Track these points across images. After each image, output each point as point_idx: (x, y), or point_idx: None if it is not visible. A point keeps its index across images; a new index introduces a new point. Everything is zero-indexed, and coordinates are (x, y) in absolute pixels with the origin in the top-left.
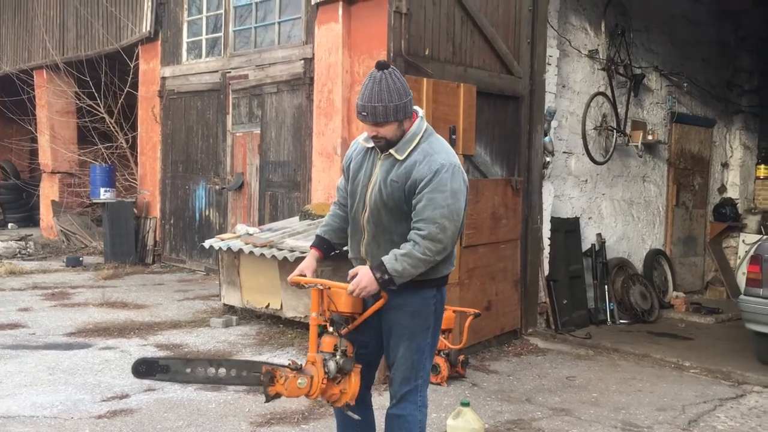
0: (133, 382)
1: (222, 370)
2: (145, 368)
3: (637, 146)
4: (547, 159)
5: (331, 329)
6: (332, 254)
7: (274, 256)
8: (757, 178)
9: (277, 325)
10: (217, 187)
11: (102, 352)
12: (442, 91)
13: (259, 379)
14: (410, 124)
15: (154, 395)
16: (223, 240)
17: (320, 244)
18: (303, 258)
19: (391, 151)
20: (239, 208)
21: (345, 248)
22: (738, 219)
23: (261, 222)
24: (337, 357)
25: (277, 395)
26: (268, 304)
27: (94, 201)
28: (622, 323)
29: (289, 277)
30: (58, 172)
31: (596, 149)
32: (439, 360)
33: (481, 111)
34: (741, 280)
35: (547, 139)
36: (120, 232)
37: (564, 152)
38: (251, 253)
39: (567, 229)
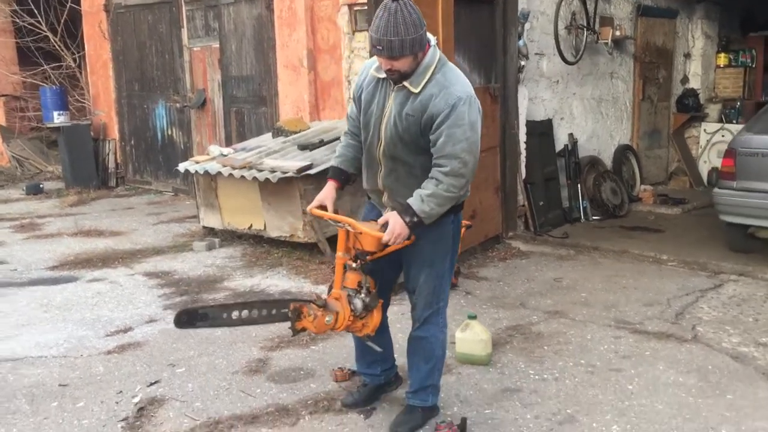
0: (134, 314)
1: (255, 311)
2: (186, 318)
3: (606, 43)
4: (522, 63)
5: (354, 265)
6: (349, 184)
7: (255, 178)
8: (718, 66)
9: (261, 245)
10: (178, 105)
11: (91, 284)
12: (421, 1)
13: (287, 315)
14: (423, 54)
15: (158, 326)
16: (198, 162)
17: (337, 175)
18: (286, 178)
19: (405, 83)
20: (204, 126)
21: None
22: (700, 109)
23: (228, 140)
24: (362, 294)
25: (303, 330)
26: (251, 225)
27: (48, 126)
28: (595, 220)
29: (309, 208)
30: (2, 95)
31: (567, 49)
32: None
33: (457, 19)
34: (703, 168)
35: (521, 42)
36: (79, 156)
37: (536, 54)
38: (231, 175)
39: (541, 131)
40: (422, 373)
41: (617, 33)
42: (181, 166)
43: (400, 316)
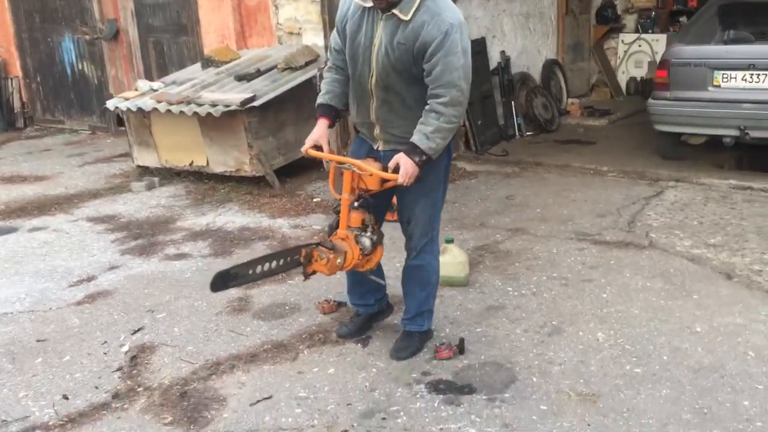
0: (91, 262)
1: (273, 263)
2: (220, 282)
3: None
4: None
5: (356, 204)
6: (338, 120)
7: (196, 113)
8: None
9: (203, 181)
10: (87, 37)
11: (34, 234)
12: None
13: (299, 261)
14: None
15: (122, 272)
16: (128, 99)
17: (327, 111)
18: (229, 112)
19: (395, 11)
20: (118, 59)
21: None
22: (618, 20)
23: (148, 72)
24: (369, 233)
25: (314, 273)
26: (192, 162)
27: None
28: (529, 135)
29: (304, 149)
30: None
31: None
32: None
33: None
34: (622, 79)
35: None
36: None
37: None
38: (169, 111)
39: (475, 50)
40: (418, 300)
41: None
42: (110, 104)
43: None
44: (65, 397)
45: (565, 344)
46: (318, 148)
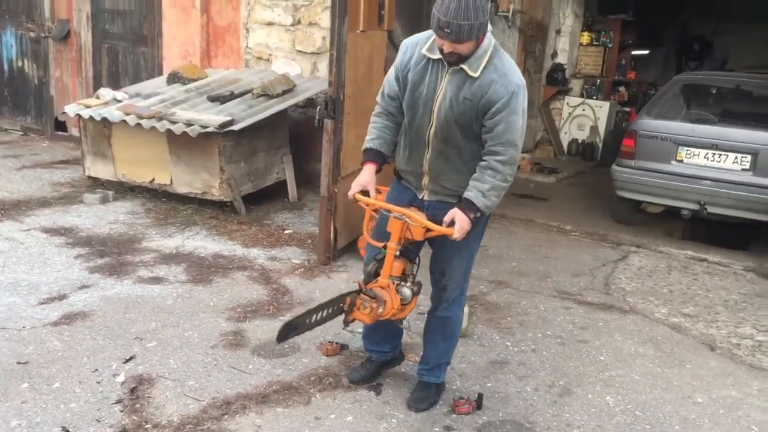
0: (58, 278)
1: (324, 311)
2: (285, 332)
3: (506, 16)
4: None
5: (397, 253)
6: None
7: (170, 130)
8: (581, 44)
9: (160, 199)
10: (33, 34)
11: None
12: None
13: (343, 309)
14: (482, 38)
15: (95, 293)
16: (89, 107)
17: (376, 157)
18: (206, 133)
19: (463, 66)
20: (66, 61)
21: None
22: (566, 83)
23: (98, 79)
24: (409, 283)
25: (353, 320)
26: (153, 179)
27: None
28: None
29: (351, 193)
30: None
31: None
32: None
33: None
34: (564, 139)
35: None
36: None
37: None
38: (138, 125)
39: None
40: (440, 351)
41: (512, 5)
42: (70, 110)
43: None
44: (65, 430)
45: (578, 406)
46: (364, 193)
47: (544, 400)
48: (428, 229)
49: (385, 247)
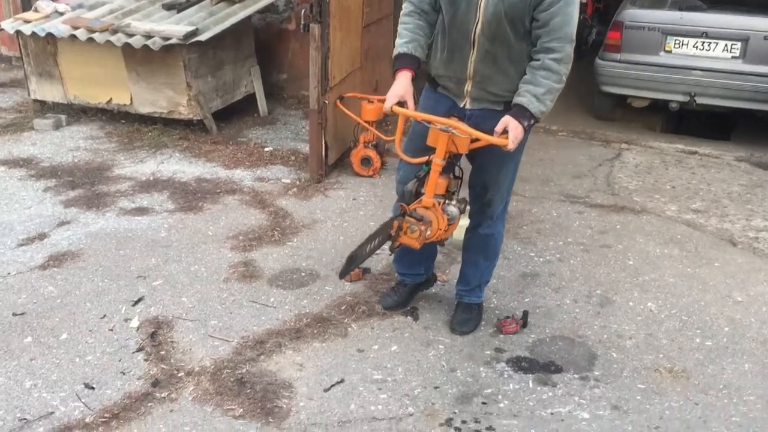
0: (32, 215)
1: (376, 240)
2: (346, 267)
3: None
4: None
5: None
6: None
7: (127, 44)
8: None
9: (119, 121)
10: None
11: None
12: None
13: (390, 234)
14: None
15: (78, 230)
16: (29, 22)
17: (411, 63)
18: (169, 46)
19: None
20: None
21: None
22: None
23: None
24: (455, 201)
25: (400, 246)
26: (110, 99)
27: None
28: None
29: (389, 105)
30: None
31: None
32: (370, 153)
33: None
34: None
35: None
36: None
37: None
38: (90, 40)
39: None
40: (481, 270)
41: None
42: (7, 26)
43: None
44: (89, 387)
45: (623, 315)
46: (401, 105)
47: (587, 312)
48: (472, 141)
49: (427, 163)
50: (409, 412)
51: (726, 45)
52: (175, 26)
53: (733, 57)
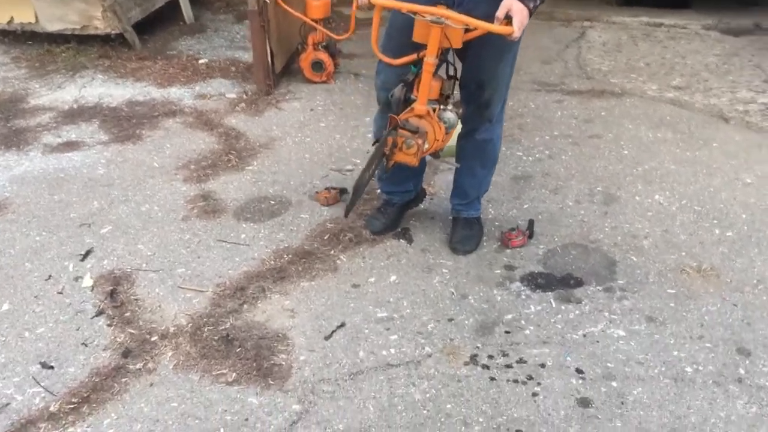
0: None
1: (375, 163)
2: (351, 203)
3: None
4: None
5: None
6: None
7: None
8: None
9: (24, 43)
10: None
11: None
12: None
13: (384, 152)
14: None
15: (1, 175)
16: None
17: None
18: None
19: None
20: None
21: None
22: None
23: None
24: (450, 106)
25: (396, 164)
26: (11, 18)
27: None
28: None
29: None
30: None
31: None
32: (321, 55)
33: None
34: None
35: None
36: None
37: None
38: None
39: None
40: (479, 180)
41: None
42: None
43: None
44: (47, 366)
45: (632, 212)
46: None
47: (593, 213)
48: (465, 31)
49: (415, 63)
50: (427, 353)
51: None
52: None
53: None
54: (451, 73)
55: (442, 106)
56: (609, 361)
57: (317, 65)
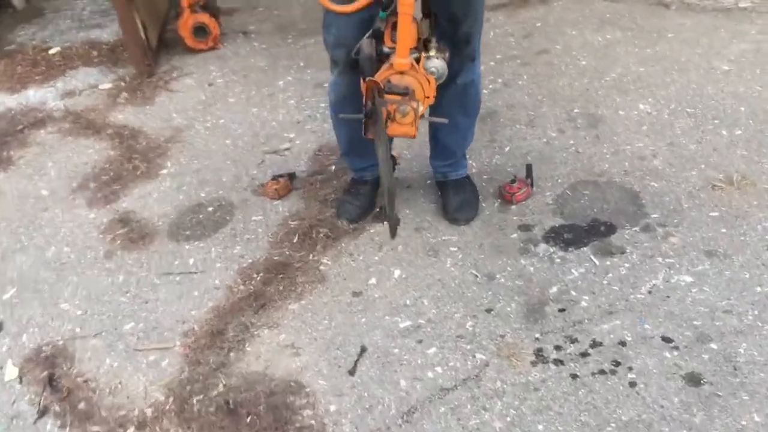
0: None
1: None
2: (390, 206)
3: None
4: None
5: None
6: None
7: None
8: None
9: None
10: None
11: None
12: None
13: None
14: None
15: None
16: None
17: None
18: None
19: None
20: None
21: None
22: None
23: None
24: (434, 51)
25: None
26: None
27: None
28: None
29: None
30: None
31: None
32: (202, 18)
33: None
34: None
35: None
36: None
37: None
38: None
39: None
40: (463, 131)
41: None
42: None
43: None
44: None
45: (624, 131)
46: None
47: (584, 140)
48: None
49: (384, 8)
50: (482, 361)
51: None
52: None
53: None
54: (425, 10)
55: (424, 54)
56: (693, 318)
57: (200, 30)
